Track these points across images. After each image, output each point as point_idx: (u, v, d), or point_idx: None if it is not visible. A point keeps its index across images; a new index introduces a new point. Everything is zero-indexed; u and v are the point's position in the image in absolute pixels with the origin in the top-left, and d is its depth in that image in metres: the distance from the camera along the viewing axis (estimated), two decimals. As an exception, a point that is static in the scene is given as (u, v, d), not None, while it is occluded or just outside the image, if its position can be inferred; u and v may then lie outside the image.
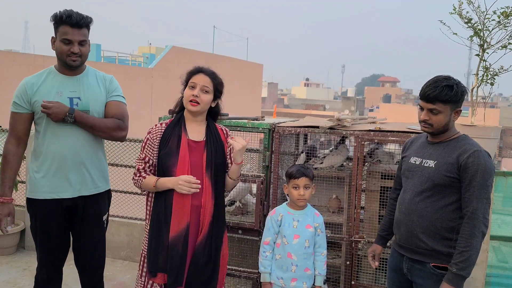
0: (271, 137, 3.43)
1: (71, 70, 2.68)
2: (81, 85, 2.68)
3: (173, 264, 2.45)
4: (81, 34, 2.59)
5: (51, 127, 2.62)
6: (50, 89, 2.63)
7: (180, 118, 2.58)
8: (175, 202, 2.46)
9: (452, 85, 2.25)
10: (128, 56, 23.02)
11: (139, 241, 4.59)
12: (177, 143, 2.50)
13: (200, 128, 2.59)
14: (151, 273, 2.50)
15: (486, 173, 2.20)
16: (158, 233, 2.49)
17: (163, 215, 2.48)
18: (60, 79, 2.67)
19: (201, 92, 2.51)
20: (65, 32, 2.57)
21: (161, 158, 2.50)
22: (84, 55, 2.64)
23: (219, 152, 2.57)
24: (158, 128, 2.55)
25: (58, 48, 2.61)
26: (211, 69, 2.60)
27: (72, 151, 2.64)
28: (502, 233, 4.17)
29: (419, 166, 2.38)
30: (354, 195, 3.27)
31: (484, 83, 3.45)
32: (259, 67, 29.44)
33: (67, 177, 2.65)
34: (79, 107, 2.64)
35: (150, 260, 2.51)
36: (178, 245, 2.44)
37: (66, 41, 2.57)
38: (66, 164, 2.64)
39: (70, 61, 2.60)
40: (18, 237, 4.70)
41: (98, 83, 2.75)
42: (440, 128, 2.31)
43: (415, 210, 2.35)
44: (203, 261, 2.50)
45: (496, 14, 3.30)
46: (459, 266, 2.18)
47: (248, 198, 3.77)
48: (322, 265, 2.90)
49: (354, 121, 3.45)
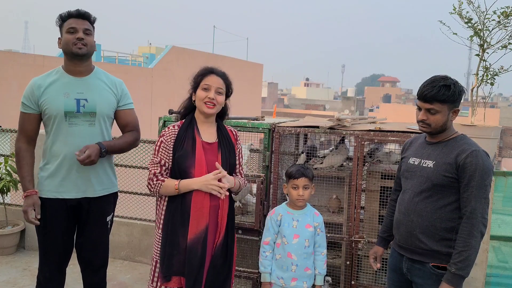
0: (271, 137, 3.43)
1: (79, 67, 2.70)
2: (88, 86, 2.71)
3: (192, 267, 2.42)
4: (85, 24, 2.68)
5: (58, 127, 2.65)
6: (58, 90, 2.66)
7: (192, 119, 2.57)
8: (194, 204, 2.44)
9: (450, 84, 2.25)
10: (128, 56, 23.00)
11: (139, 241, 4.59)
12: (192, 145, 2.48)
13: (212, 130, 2.59)
14: (165, 277, 2.46)
15: (484, 173, 2.20)
16: (173, 236, 2.46)
17: (180, 218, 2.45)
18: (67, 80, 2.69)
19: (216, 94, 2.51)
20: (70, 23, 2.65)
21: (177, 160, 2.47)
22: (89, 44, 2.68)
23: (231, 153, 2.59)
24: (172, 130, 2.53)
25: (64, 40, 2.66)
26: (221, 70, 2.60)
27: (74, 152, 2.65)
28: (502, 233, 4.17)
29: (418, 166, 2.38)
30: (354, 195, 3.27)
31: (484, 83, 3.45)
32: (259, 67, 29.42)
33: (73, 178, 2.68)
34: (86, 109, 2.67)
35: (164, 264, 2.46)
36: (197, 247, 2.42)
37: (71, 29, 2.64)
38: (72, 165, 2.66)
39: (76, 49, 2.63)
40: (18, 237, 4.70)
41: (108, 86, 2.78)
42: (438, 128, 2.31)
43: (415, 211, 2.35)
44: (221, 262, 2.50)
45: (496, 14, 3.31)
46: (458, 266, 2.18)
47: (248, 198, 3.77)
48: (322, 265, 2.90)
49: (354, 121, 3.45)
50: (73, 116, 2.65)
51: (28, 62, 14.43)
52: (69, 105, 2.64)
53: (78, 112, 2.66)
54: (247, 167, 3.85)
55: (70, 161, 2.65)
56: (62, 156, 2.66)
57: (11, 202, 5.02)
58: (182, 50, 21.57)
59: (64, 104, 2.63)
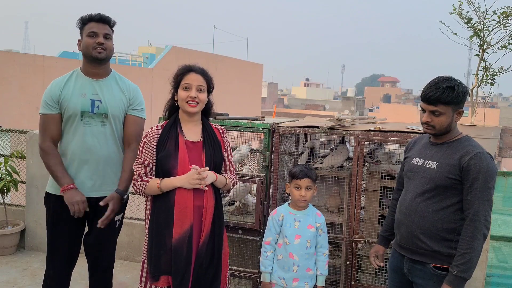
0: (271, 137, 3.43)
1: (96, 69, 2.76)
2: (103, 88, 2.78)
3: (178, 267, 2.42)
4: (106, 28, 2.73)
5: (71, 126, 2.72)
6: (75, 90, 2.73)
7: (176, 119, 2.57)
8: (177, 204, 2.44)
9: (454, 86, 2.24)
10: (128, 56, 22.99)
11: (139, 241, 4.59)
12: (174, 144, 2.48)
13: (196, 129, 2.59)
14: (154, 277, 2.47)
15: (488, 175, 2.19)
16: (159, 236, 2.46)
17: (164, 218, 2.45)
18: (83, 81, 2.76)
19: (198, 92, 2.50)
20: (91, 27, 2.71)
21: (160, 161, 2.47)
22: (109, 49, 2.74)
23: (217, 151, 2.57)
24: (155, 131, 2.53)
25: (85, 43, 2.71)
26: (200, 66, 2.59)
27: (85, 152, 2.72)
28: (502, 233, 4.18)
29: (421, 167, 2.38)
30: (354, 195, 3.27)
31: (484, 83, 3.45)
32: (259, 67, 29.41)
33: (84, 177, 2.73)
34: (99, 109, 2.74)
35: (152, 264, 2.47)
36: (182, 247, 2.42)
37: (92, 33, 2.69)
38: (84, 164, 2.72)
39: (96, 53, 2.69)
40: (18, 237, 4.70)
41: (122, 90, 2.84)
42: (442, 129, 2.30)
43: (416, 211, 2.35)
44: (207, 261, 2.49)
45: (496, 14, 3.31)
46: (460, 268, 2.17)
47: (248, 198, 3.77)
48: (324, 265, 2.90)
49: (354, 121, 3.45)
50: (88, 116, 2.73)
51: (28, 62, 14.42)
52: (85, 105, 2.72)
53: (92, 112, 2.73)
54: (248, 167, 3.85)
55: (79, 160, 2.72)
56: (74, 154, 2.72)
57: (11, 202, 5.02)
58: (182, 50, 21.57)
59: (81, 104, 2.71)
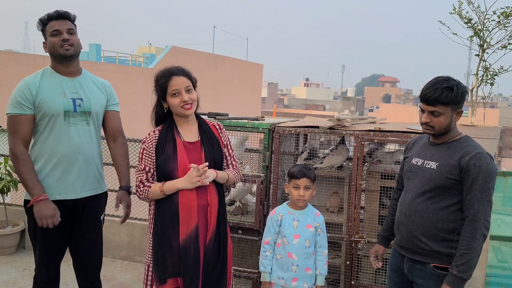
0: (271, 137, 3.43)
1: (68, 67, 2.71)
2: (81, 86, 2.73)
3: (187, 267, 2.42)
4: (67, 24, 2.67)
5: (54, 127, 2.63)
6: (54, 90, 2.65)
7: (171, 122, 2.56)
8: (181, 205, 2.43)
9: (452, 86, 2.23)
10: (128, 56, 22.98)
11: (139, 241, 4.59)
12: (173, 147, 2.48)
13: (193, 128, 2.58)
14: (161, 281, 2.45)
15: (488, 176, 2.19)
16: (164, 239, 2.45)
17: (169, 220, 2.45)
18: (60, 80, 2.69)
19: (187, 93, 2.49)
20: (52, 26, 2.65)
21: (160, 165, 2.47)
22: (76, 44, 2.68)
23: (216, 149, 2.57)
24: (152, 136, 2.53)
25: (50, 43, 2.66)
26: (178, 67, 2.54)
27: (74, 152, 2.67)
28: (502, 233, 4.18)
29: (421, 167, 2.37)
30: (354, 195, 3.27)
31: (484, 83, 3.45)
32: (259, 67, 29.40)
33: (71, 178, 2.68)
34: (82, 108, 2.69)
35: (158, 268, 2.46)
36: (189, 247, 2.42)
37: (55, 32, 2.64)
38: (70, 165, 2.67)
39: (64, 50, 2.63)
40: (18, 237, 4.70)
41: (98, 87, 2.82)
42: (441, 130, 2.30)
43: (416, 211, 2.35)
44: (214, 258, 2.50)
45: (496, 14, 3.30)
46: (460, 268, 2.17)
47: (248, 198, 3.77)
48: (323, 265, 2.90)
49: (354, 121, 3.46)
50: (71, 115, 2.66)
51: (28, 62, 14.42)
52: (67, 104, 2.65)
53: (75, 111, 2.68)
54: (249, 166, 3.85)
55: (68, 161, 2.66)
56: (64, 156, 2.65)
57: (11, 202, 5.02)
58: (182, 50, 21.55)
59: (63, 103, 2.64)
